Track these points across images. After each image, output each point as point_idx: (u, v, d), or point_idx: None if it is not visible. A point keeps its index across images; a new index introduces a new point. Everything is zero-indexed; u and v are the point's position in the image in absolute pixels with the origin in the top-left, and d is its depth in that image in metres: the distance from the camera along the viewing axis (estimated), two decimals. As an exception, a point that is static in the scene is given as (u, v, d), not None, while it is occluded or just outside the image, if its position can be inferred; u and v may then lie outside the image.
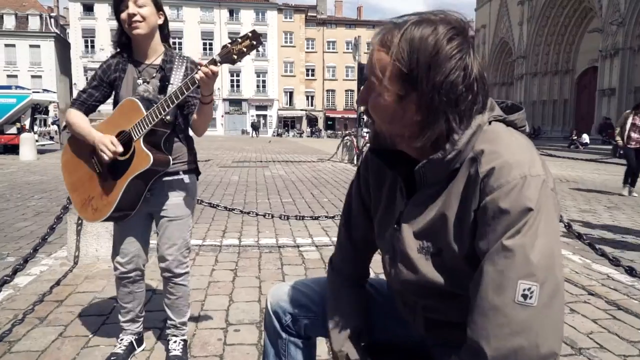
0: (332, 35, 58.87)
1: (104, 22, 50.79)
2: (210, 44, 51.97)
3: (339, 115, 56.69)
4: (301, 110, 57.03)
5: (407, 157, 0.95)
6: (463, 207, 0.86)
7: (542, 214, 0.79)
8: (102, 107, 1.97)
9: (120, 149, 1.70)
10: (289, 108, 56.79)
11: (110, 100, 1.94)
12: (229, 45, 1.58)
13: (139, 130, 1.68)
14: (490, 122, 0.90)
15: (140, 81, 1.82)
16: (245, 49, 1.57)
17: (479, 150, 0.85)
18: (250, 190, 7.46)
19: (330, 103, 59.53)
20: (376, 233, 1.10)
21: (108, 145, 1.69)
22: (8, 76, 50.99)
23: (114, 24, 1.86)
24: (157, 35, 1.85)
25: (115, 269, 1.94)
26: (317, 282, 1.29)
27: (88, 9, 51.40)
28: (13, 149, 14.09)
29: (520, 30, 36.12)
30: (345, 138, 13.97)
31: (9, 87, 15.83)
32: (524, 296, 0.76)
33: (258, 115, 55.16)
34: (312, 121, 57.46)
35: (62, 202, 5.94)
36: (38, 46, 53.20)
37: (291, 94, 56.89)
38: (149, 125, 1.67)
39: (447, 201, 0.89)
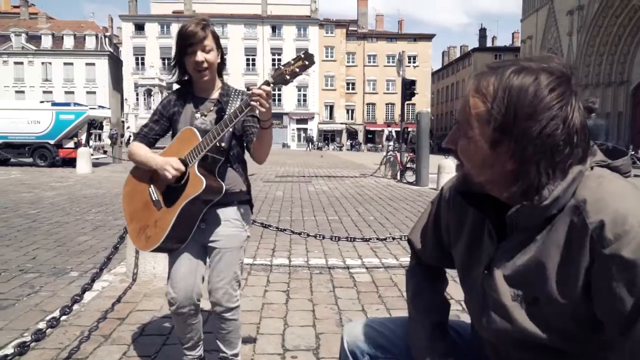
0: (373, 49, 59.04)
1: (153, 40, 53.34)
2: (254, 60, 53.39)
3: (379, 129, 56.44)
4: (341, 123, 57.28)
5: (496, 199, 0.92)
6: (566, 258, 0.81)
7: None
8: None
9: (183, 168, 1.71)
10: (329, 121, 57.18)
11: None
12: (282, 67, 1.59)
13: (193, 156, 1.70)
14: (592, 168, 0.85)
15: (198, 115, 1.85)
16: (298, 69, 1.57)
17: (581, 199, 0.81)
18: (295, 206, 7.51)
19: (371, 116, 59.48)
20: (459, 274, 1.07)
21: (173, 164, 1.70)
22: (66, 92, 54.31)
23: (163, 42, 1.92)
24: (215, 73, 1.88)
25: (171, 304, 1.89)
26: (394, 321, 1.26)
27: (139, 28, 54.16)
28: (70, 162, 14.91)
29: (570, 41, 34.89)
30: (389, 153, 13.86)
31: (67, 104, 16.82)
32: None
33: (299, 129, 55.85)
34: (352, 134, 57.54)
35: (119, 217, 6.20)
36: (93, 64, 56.41)
37: (331, 107, 57.31)
38: (204, 151, 1.68)
39: (544, 249, 0.84)
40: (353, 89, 58.86)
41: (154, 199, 1.79)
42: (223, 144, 1.74)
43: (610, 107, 32.97)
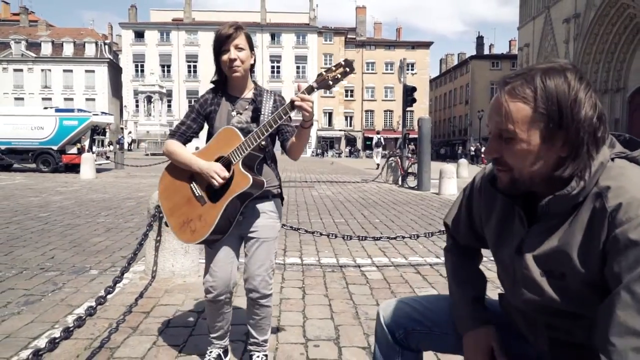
0: (371, 57, 59.47)
1: (153, 47, 53.64)
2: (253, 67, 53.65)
3: (378, 136, 56.71)
4: (340, 130, 57.54)
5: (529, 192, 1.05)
6: (588, 237, 0.94)
7: None
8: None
9: (227, 174, 1.81)
10: (328, 128, 57.44)
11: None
12: (324, 73, 1.71)
13: (238, 155, 1.81)
14: (612, 159, 0.98)
15: (234, 113, 1.97)
16: (339, 76, 1.69)
17: (604, 187, 0.93)
18: (301, 210, 7.62)
19: (369, 123, 59.76)
20: (492, 252, 1.19)
21: (218, 171, 1.80)
22: (65, 99, 54.49)
23: (163, 49, 2.03)
24: (248, 73, 2.01)
25: (208, 292, 2.00)
26: (426, 298, 1.39)
27: (139, 35, 54.46)
28: (73, 168, 15.00)
29: (566, 49, 35.26)
30: (390, 159, 14.00)
31: (71, 110, 16.94)
32: None
33: (297, 136, 55.98)
34: (350, 141, 57.76)
35: (129, 219, 6.31)
36: (93, 71, 56.63)
37: (330, 114, 57.60)
38: (249, 149, 1.79)
39: (570, 232, 0.97)
40: (352, 96, 59.22)
41: (197, 194, 1.89)
42: (263, 142, 1.85)
43: (608, 114, 33.25)
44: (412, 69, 56.16)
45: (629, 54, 31.75)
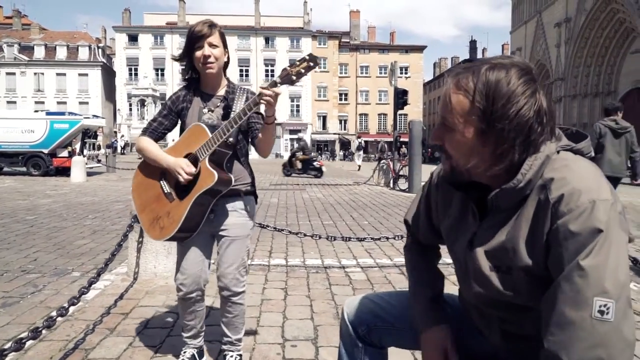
0: (365, 60, 59.63)
1: (147, 51, 53.46)
2: (247, 70, 53.66)
3: (372, 139, 56.82)
4: (334, 134, 57.57)
5: (478, 183, 1.05)
6: (534, 230, 0.94)
7: (612, 235, 0.86)
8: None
9: (194, 169, 1.82)
10: (323, 132, 57.45)
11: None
12: (288, 67, 1.72)
13: (204, 151, 1.81)
14: (558, 152, 0.98)
15: (205, 110, 1.97)
16: (303, 70, 1.69)
17: (548, 178, 0.94)
18: (290, 212, 7.61)
19: (363, 127, 59.85)
20: (448, 248, 1.20)
21: (184, 167, 1.81)
22: (58, 103, 54.10)
23: (157, 52, 2.03)
24: (222, 71, 2.01)
25: (179, 290, 2.02)
26: (391, 295, 1.38)
27: (133, 39, 54.28)
28: (64, 171, 14.90)
29: (558, 52, 35.55)
30: (382, 162, 14.02)
31: (62, 113, 16.82)
32: (601, 312, 0.83)
33: (292, 139, 56.01)
34: (344, 145, 57.80)
35: (116, 222, 6.27)
36: (86, 74, 56.32)
37: (324, 117, 57.63)
38: (214, 146, 1.79)
39: (517, 224, 0.97)
40: (346, 99, 59.30)
41: (165, 191, 1.90)
42: (231, 139, 1.85)
43: (599, 117, 33.53)
44: (406, 73, 56.43)
45: (620, 57, 32.05)
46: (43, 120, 15.41)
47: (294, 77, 1.69)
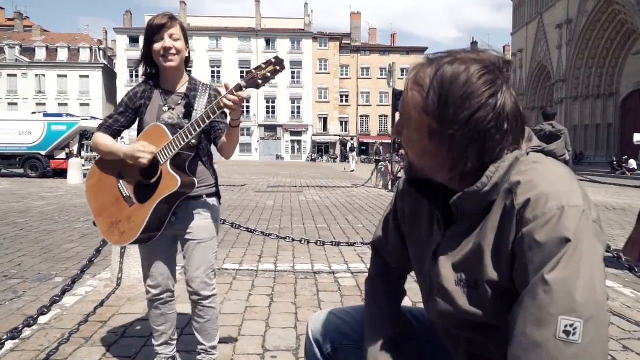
0: (366, 62, 59.62)
1: (148, 53, 53.54)
2: (248, 72, 53.69)
3: (373, 141, 56.77)
4: (335, 135, 57.52)
5: (444, 188, 0.95)
6: (499, 239, 0.84)
7: (583, 245, 0.75)
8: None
9: (153, 149, 1.72)
10: (323, 134, 57.43)
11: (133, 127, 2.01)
12: (254, 71, 1.64)
13: (165, 155, 1.72)
14: (528, 153, 0.89)
15: (165, 108, 1.87)
16: (269, 74, 1.62)
17: (514, 182, 0.83)
18: (285, 215, 7.53)
19: (364, 128, 59.81)
20: (414, 265, 1.10)
21: (142, 149, 1.71)
22: (59, 104, 54.24)
23: None
24: (183, 66, 1.92)
25: (148, 292, 1.96)
26: (358, 310, 1.29)
27: (134, 40, 54.40)
28: (62, 173, 14.86)
29: (559, 54, 35.45)
30: (380, 164, 13.94)
31: (59, 115, 16.83)
32: (567, 332, 0.73)
33: (292, 141, 56.00)
34: (345, 146, 57.75)
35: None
36: (87, 76, 56.44)
37: (325, 119, 57.61)
38: (176, 149, 1.70)
39: (483, 233, 0.87)
40: (347, 101, 59.28)
41: (124, 195, 1.81)
42: (193, 141, 1.77)
43: (600, 118, 33.40)
44: (407, 74, 56.37)
45: (621, 59, 31.94)
46: (41, 122, 15.40)
47: (260, 81, 1.62)
